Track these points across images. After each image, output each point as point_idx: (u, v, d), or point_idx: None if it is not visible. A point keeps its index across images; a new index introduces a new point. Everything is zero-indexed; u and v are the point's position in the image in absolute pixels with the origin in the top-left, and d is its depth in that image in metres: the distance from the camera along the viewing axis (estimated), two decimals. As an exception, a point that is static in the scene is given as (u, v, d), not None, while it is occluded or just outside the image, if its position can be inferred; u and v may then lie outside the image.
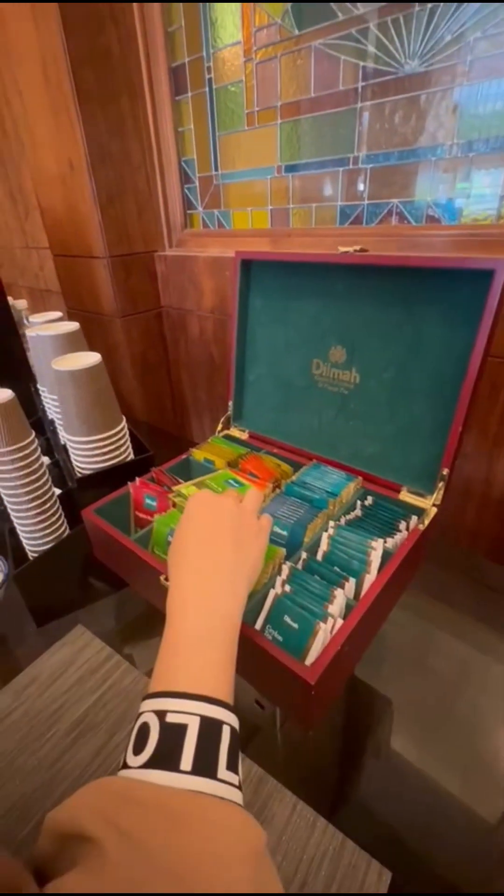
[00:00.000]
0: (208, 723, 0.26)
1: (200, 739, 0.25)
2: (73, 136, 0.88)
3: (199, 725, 0.26)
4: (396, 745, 0.49)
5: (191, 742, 0.25)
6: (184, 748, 0.25)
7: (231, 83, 0.83)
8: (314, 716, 0.39)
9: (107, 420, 0.60)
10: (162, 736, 0.25)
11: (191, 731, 0.26)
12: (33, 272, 1.50)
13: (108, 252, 0.99)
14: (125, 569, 0.53)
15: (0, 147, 1.30)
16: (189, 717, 0.26)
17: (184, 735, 0.25)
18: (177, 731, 0.25)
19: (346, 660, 0.39)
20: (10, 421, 0.52)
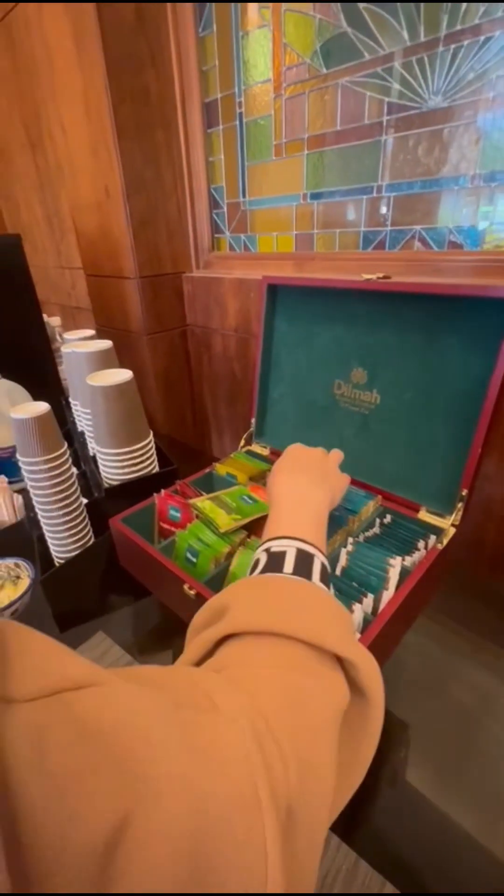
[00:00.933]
0: (303, 553, 0.34)
1: (297, 560, 0.33)
2: (110, 166, 0.94)
3: (296, 553, 0.34)
4: (412, 775, 0.48)
5: (290, 561, 0.33)
6: (285, 563, 0.33)
7: (260, 117, 0.88)
8: None
9: (135, 433, 0.63)
10: (268, 560, 0.34)
11: (289, 555, 0.34)
12: (66, 290, 1.57)
13: (138, 273, 1.04)
14: (149, 577, 0.55)
15: (41, 175, 1.38)
16: (287, 548, 0.34)
17: (284, 557, 0.34)
18: (279, 555, 0.34)
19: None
20: (44, 432, 0.54)
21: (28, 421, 0.52)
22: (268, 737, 0.22)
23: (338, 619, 0.30)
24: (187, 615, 0.53)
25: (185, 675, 0.25)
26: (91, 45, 0.85)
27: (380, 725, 0.30)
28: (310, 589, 0.31)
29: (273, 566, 0.33)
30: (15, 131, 1.40)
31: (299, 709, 0.24)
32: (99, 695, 0.19)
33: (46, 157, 1.32)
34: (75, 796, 0.16)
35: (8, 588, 0.68)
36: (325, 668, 0.27)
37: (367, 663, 0.28)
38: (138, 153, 0.94)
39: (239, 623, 0.28)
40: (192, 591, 0.44)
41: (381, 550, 0.50)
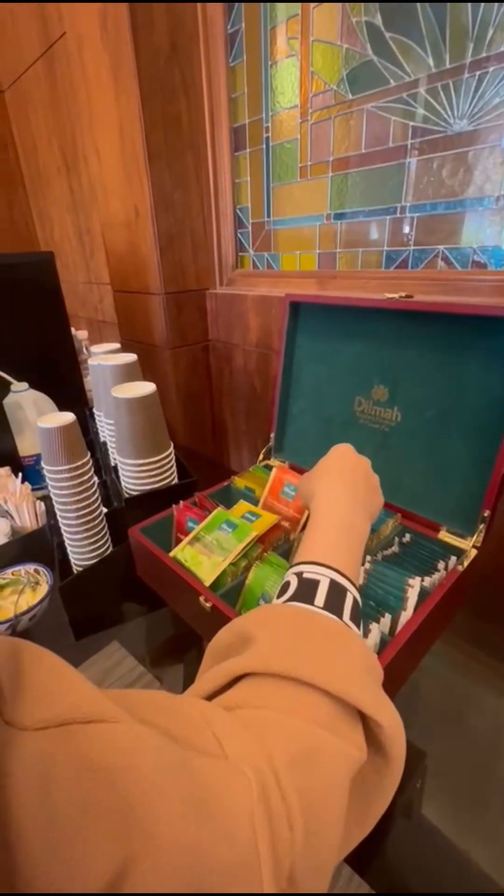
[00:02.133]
0: (336, 585, 0.32)
1: (329, 593, 0.31)
2: (140, 188, 0.98)
3: (329, 584, 0.32)
4: (429, 807, 0.46)
5: (322, 593, 0.31)
6: (317, 594, 0.31)
7: (287, 140, 0.90)
8: None
9: (156, 445, 0.64)
10: (300, 586, 0.32)
11: (322, 586, 0.32)
12: (93, 305, 1.62)
13: (163, 289, 1.07)
14: (165, 588, 0.55)
15: (75, 196, 1.45)
16: (321, 577, 0.32)
17: (316, 587, 0.32)
18: (311, 583, 0.32)
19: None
20: (69, 441, 0.56)
21: (54, 430, 0.54)
22: (276, 793, 0.21)
23: (368, 672, 0.28)
24: (202, 628, 0.53)
25: (197, 712, 0.24)
26: (127, 75, 0.89)
27: (396, 784, 0.28)
28: (342, 633, 0.29)
29: (304, 595, 0.31)
30: (53, 156, 1.47)
31: (312, 765, 0.23)
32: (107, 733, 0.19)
33: (80, 179, 1.38)
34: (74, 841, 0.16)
35: (27, 594, 0.69)
36: (346, 725, 0.26)
37: (393, 724, 0.27)
38: (167, 175, 0.97)
39: (262, 662, 0.27)
40: (208, 604, 0.44)
41: (399, 570, 0.50)
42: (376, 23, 0.71)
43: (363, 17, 0.72)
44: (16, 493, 0.76)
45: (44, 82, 1.36)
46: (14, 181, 1.71)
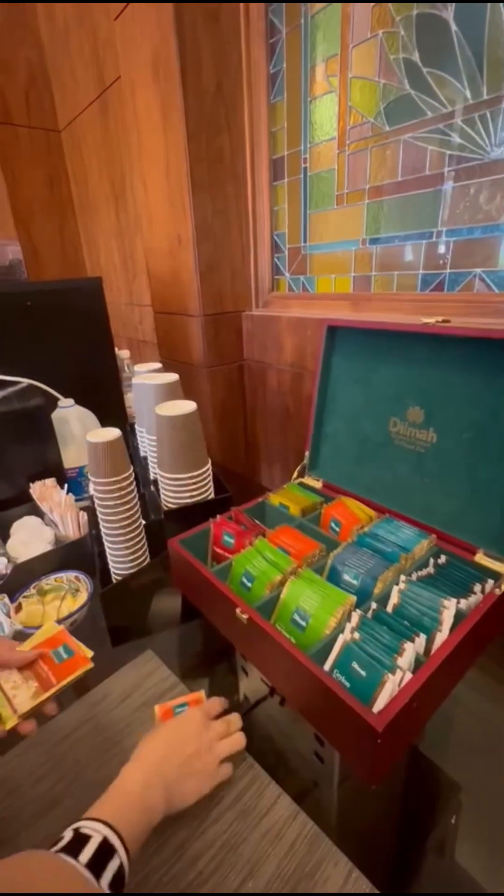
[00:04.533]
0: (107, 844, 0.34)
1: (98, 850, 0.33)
2: (184, 217, 1.03)
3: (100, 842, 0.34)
4: (464, 848, 0.44)
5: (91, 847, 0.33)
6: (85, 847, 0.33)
7: (324, 170, 0.94)
8: (379, 768, 0.38)
9: (195, 461, 0.67)
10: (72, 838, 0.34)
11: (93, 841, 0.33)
12: (133, 325, 1.69)
13: (202, 311, 1.11)
14: (201, 599, 0.57)
15: (121, 224, 1.54)
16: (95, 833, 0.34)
17: (87, 841, 0.33)
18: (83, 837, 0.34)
19: (413, 718, 0.39)
20: (114, 456, 0.59)
21: (101, 445, 0.57)
22: None
23: None
24: (236, 639, 0.54)
25: None
26: (175, 115, 0.95)
27: None
28: None
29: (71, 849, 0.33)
30: (102, 188, 1.57)
31: None
32: None
33: (127, 209, 1.47)
34: None
35: (68, 600, 0.72)
36: None
37: None
38: (209, 205, 1.03)
39: None
40: (244, 616, 0.46)
41: (434, 591, 0.49)
42: (414, 59, 0.74)
43: (401, 54, 0.76)
44: (61, 503, 0.81)
45: (97, 122, 1.47)
46: (66, 211, 1.83)
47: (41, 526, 0.84)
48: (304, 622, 0.46)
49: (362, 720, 0.35)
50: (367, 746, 0.36)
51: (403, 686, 0.38)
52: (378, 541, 0.58)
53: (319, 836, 0.45)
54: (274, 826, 0.46)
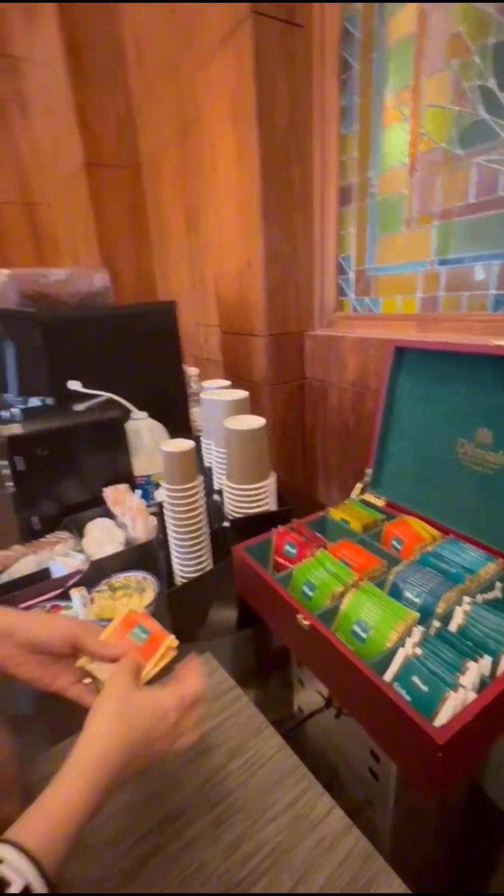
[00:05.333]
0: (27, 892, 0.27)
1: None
2: (254, 244, 1.09)
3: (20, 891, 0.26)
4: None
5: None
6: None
7: (393, 195, 0.96)
8: (437, 782, 0.38)
9: (260, 473, 0.70)
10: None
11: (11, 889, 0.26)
12: (199, 344, 1.78)
13: (266, 331, 1.16)
14: (263, 605, 0.59)
15: (192, 250, 1.64)
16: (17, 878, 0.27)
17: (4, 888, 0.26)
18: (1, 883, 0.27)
19: (476, 739, 0.38)
20: (185, 465, 0.64)
21: (176, 454, 0.62)
22: None
23: None
24: (295, 646, 0.55)
25: None
26: (249, 149, 1.02)
27: None
28: None
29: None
30: (177, 217, 1.69)
31: None
32: None
33: (199, 236, 1.57)
34: None
35: (136, 597, 0.77)
36: None
37: None
38: (278, 232, 1.08)
39: None
40: (305, 622, 0.47)
41: (500, 614, 0.48)
42: (489, 85, 0.75)
43: (476, 81, 0.77)
44: (133, 507, 0.87)
45: (175, 157, 1.59)
46: (142, 239, 1.98)
47: (113, 527, 0.91)
48: (364, 634, 0.47)
49: (424, 732, 0.35)
50: (427, 760, 0.36)
51: (467, 704, 0.37)
52: (442, 561, 0.57)
53: (373, 854, 0.45)
54: (327, 836, 0.46)
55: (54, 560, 0.83)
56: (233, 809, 0.49)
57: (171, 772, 0.53)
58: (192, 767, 0.53)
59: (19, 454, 0.86)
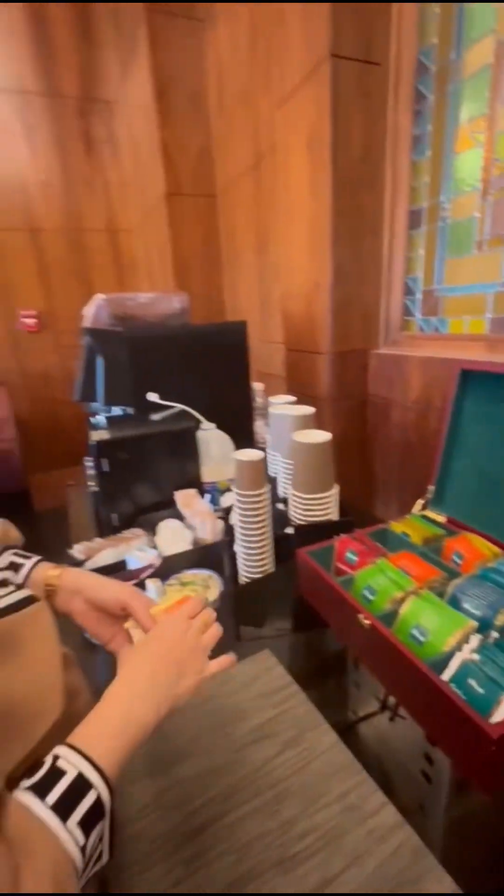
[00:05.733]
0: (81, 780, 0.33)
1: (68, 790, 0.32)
2: (322, 266, 1.15)
3: (73, 780, 0.32)
4: None
5: (60, 788, 0.32)
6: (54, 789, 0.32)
7: (464, 219, 0.98)
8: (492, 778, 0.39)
9: (325, 483, 0.74)
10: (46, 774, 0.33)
11: (64, 780, 0.32)
12: (263, 360, 1.86)
13: (331, 349, 1.20)
14: (325, 605, 0.63)
15: (262, 271, 1.73)
16: (70, 769, 0.33)
17: (59, 779, 0.32)
18: (57, 774, 0.33)
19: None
20: (256, 473, 0.70)
21: (247, 463, 0.68)
22: None
23: None
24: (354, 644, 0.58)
25: None
26: (323, 178, 1.09)
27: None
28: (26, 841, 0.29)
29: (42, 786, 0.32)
30: (248, 240, 1.79)
31: None
32: None
33: (268, 258, 1.66)
34: None
35: (202, 593, 0.83)
36: None
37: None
38: (346, 254, 1.13)
39: None
40: (367, 622, 0.51)
41: None
42: None
43: (553, 109, 0.78)
44: (202, 510, 0.94)
45: (249, 186, 1.70)
46: (214, 262, 2.11)
47: (182, 528, 0.99)
48: (422, 638, 0.49)
49: (479, 728, 0.37)
50: (481, 755, 0.38)
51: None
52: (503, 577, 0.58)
53: (424, 851, 0.47)
54: (378, 829, 0.49)
55: (130, 553, 0.92)
56: (288, 792, 0.53)
57: (231, 752, 0.58)
58: (249, 751, 0.58)
59: (105, 457, 0.97)
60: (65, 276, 2.52)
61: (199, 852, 0.47)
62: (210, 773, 0.55)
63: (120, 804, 0.50)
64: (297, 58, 1.10)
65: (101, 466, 0.97)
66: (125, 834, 0.49)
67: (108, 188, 2.51)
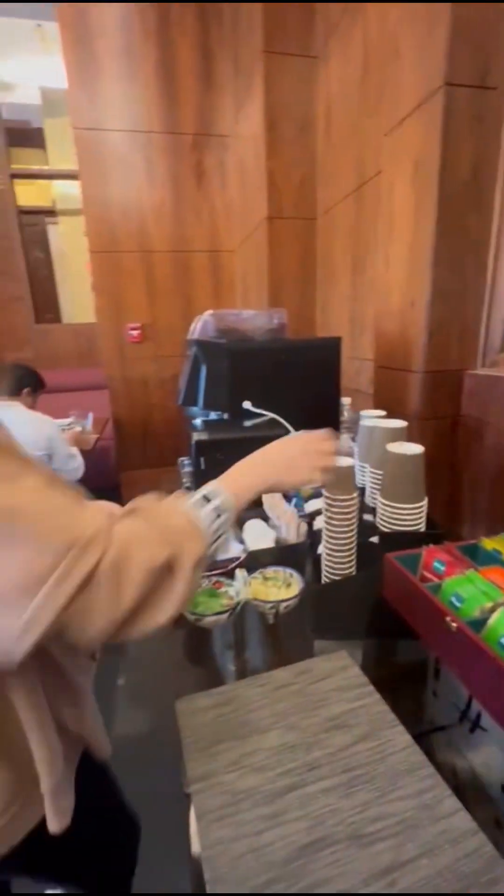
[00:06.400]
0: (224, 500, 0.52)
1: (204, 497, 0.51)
2: (420, 286, 1.17)
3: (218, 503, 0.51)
4: None
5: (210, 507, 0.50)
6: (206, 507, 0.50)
7: None
8: None
9: (416, 495, 0.77)
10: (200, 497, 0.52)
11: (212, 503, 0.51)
12: (349, 375, 1.89)
13: (423, 368, 1.21)
14: (410, 609, 0.65)
15: (355, 290, 1.78)
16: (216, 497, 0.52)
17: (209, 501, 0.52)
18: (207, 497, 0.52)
19: None
20: (347, 479, 0.74)
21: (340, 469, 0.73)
22: None
23: None
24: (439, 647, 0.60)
25: None
26: (428, 202, 1.11)
27: None
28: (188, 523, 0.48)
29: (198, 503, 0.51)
30: (345, 262, 1.85)
31: None
32: None
33: (363, 278, 1.70)
34: None
35: (283, 589, 0.89)
36: None
37: None
38: (447, 275, 1.14)
39: None
40: (454, 624, 0.52)
41: None
42: None
43: None
44: (286, 513, 1.00)
45: (350, 208, 1.76)
46: (308, 280, 2.19)
47: (266, 528, 1.05)
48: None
49: None
50: None
51: None
52: None
53: (499, 861, 0.47)
54: (452, 830, 0.50)
55: (219, 545, 1.00)
56: (363, 779, 0.55)
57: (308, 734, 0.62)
58: (325, 736, 0.61)
59: (203, 455, 1.07)
60: (167, 293, 2.76)
61: (277, 812, 0.52)
62: (288, 749, 0.60)
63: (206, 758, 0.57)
64: (410, 88, 1.15)
65: (198, 464, 1.07)
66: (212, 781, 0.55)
67: (213, 213, 2.73)
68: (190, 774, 0.56)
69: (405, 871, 0.46)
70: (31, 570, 0.35)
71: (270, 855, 0.47)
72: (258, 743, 0.61)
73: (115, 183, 2.54)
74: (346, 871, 0.46)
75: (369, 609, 0.78)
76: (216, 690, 0.70)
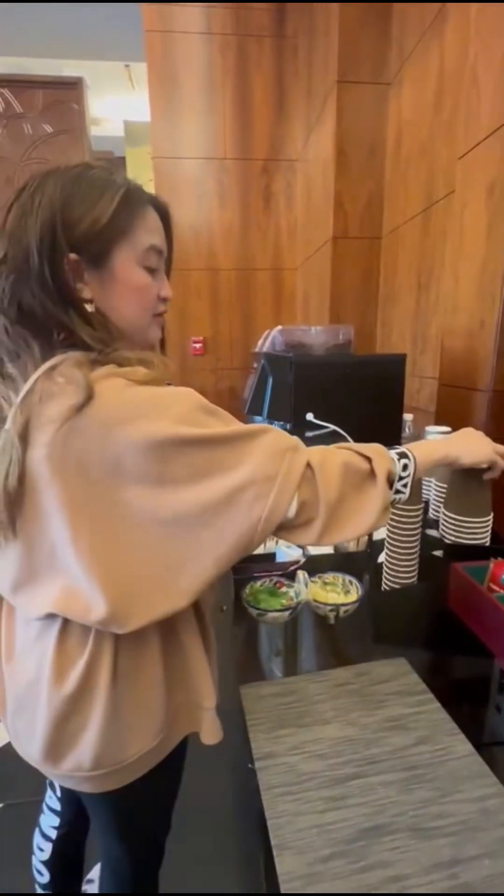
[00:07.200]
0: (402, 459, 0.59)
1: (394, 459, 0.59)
2: (491, 306, 1.17)
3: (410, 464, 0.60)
4: None
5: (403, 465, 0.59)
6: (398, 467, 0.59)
7: None
8: None
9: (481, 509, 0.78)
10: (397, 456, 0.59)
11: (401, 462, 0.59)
12: (410, 393, 1.88)
13: (491, 387, 1.20)
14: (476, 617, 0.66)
15: (419, 309, 1.79)
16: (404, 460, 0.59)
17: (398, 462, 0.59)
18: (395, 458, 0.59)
19: None
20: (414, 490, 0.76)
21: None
22: None
23: None
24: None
25: None
26: (501, 222, 1.12)
27: None
28: None
29: None
30: (409, 281, 1.87)
31: None
32: None
33: (429, 297, 1.71)
34: None
35: (341, 595, 0.91)
36: None
37: None
38: (520, 295, 1.14)
39: None
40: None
41: None
42: None
43: None
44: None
45: (417, 228, 1.78)
46: (369, 299, 2.22)
47: (325, 535, 1.08)
48: None
49: None
50: None
51: None
52: None
53: None
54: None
55: (279, 548, 1.05)
56: (423, 779, 0.57)
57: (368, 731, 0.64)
58: (385, 734, 0.63)
59: (268, 461, 1.12)
60: (230, 308, 2.88)
61: (340, 796, 0.55)
62: (349, 742, 0.63)
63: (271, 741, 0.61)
64: (488, 112, 1.17)
65: (263, 469, 1.13)
66: (278, 760, 0.59)
67: (278, 233, 2.83)
68: (256, 752, 0.60)
69: (467, 867, 0.47)
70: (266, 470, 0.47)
71: (334, 833, 0.50)
72: (319, 733, 0.64)
73: (189, 206, 2.71)
74: (407, 858, 0.48)
75: (429, 619, 0.79)
76: (279, 680, 0.74)
